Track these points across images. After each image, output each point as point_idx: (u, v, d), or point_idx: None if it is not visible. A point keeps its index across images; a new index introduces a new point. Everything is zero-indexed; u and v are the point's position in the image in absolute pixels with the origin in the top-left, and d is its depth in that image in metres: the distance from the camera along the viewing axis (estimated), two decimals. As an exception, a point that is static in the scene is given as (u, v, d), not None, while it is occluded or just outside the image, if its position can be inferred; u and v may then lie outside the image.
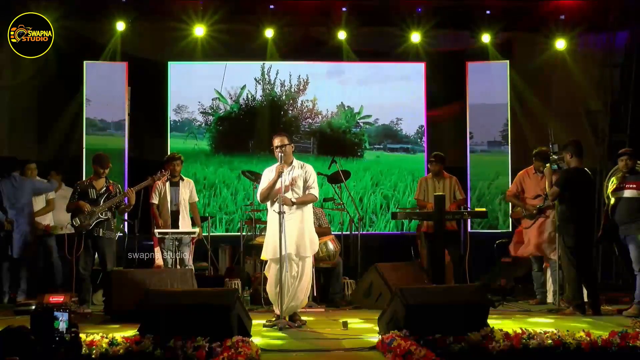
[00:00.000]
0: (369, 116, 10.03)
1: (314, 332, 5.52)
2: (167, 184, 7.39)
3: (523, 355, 4.38)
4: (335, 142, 9.94)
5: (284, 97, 10.02)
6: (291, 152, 6.07)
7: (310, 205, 6.05)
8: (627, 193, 6.48)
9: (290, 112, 10.03)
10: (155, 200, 7.39)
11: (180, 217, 7.37)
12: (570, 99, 9.69)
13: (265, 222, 7.62)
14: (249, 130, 9.99)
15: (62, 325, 4.05)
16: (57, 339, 3.99)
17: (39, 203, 7.71)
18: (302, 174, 5.98)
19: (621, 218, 6.53)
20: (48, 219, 7.80)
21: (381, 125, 10.03)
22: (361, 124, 10.03)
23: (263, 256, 6.10)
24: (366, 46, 9.77)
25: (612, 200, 6.59)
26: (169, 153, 9.41)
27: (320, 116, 10.04)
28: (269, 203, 5.99)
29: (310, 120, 10.05)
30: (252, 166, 9.52)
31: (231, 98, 9.95)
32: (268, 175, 5.99)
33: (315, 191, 5.98)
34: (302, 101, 10.03)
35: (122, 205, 7.07)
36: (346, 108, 10.02)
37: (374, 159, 9.97)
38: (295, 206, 5.87)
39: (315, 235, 6.09)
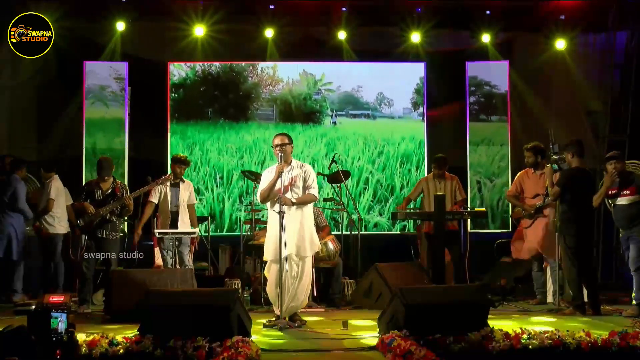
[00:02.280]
0: (330, 83, 10.01)
1: (314, 332, 5.52)
2: (168, 184, 7.39)
3: (523, 355, 4.38)
4: (297, 109, 9.93)
5: (243, 63, 9.93)
6: (291, 152, 6.06)
7: (310, 205, 6.05)
8: (624, 200, 6.47)
9: (250, 79, 9.96)
10: (154, 199, 7.37)
11: (179, 218, 7.35)
12: (570, 99, 9.69)
13: (265, 222, 7.65)
14: (205, 98, 9.92)
15: (60, 326, 4.05)
16: (54, 339, 3.99)
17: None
18: (301, 173, 5.97)
19: (621, 223, 6.55)
20: (57, 220, 7.70)
21: (343, 92, 10.03)
22: (323, 91, 10.00)
23: (265, 257, 6.10)
24: (366, 46, 9.77)
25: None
26: (169, 153, 9.46)
27: (281, 83, 9.98)
28: (269, 204, 5.99)
29: (271, 88, 9.98)
30: (209, 135, 9.62)
31: (186, 64, 9.84)
32: (267, 175, 5.98)
33: (315, 191, 5.97)
34: (262, 68, 9.95)
35: (124, 210, 7.07)
36: (308, 75, 9.98)
37: (331, 125, 9.97)
38: (295, 206, 5.86)
39: (315, 235, 6.08)
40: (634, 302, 6.43)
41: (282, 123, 9.87)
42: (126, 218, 8.32)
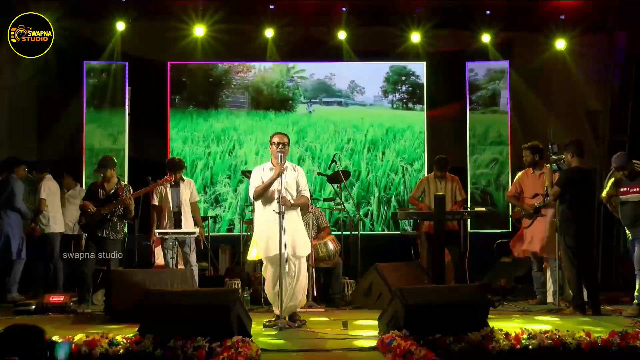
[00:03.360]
0: (303, 70, 9.99)
1: (314, 332, 5.51)
2: (168, 185, 7.36)
3: (523, 355, 4.38)
4: (269, 97, 9.89)
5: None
6: (287, 153, 6.08)
7: (299, 208, 6.09)
8: (634, 197, 6.46)
9: (220, 65, 9.91)
10: (155, 202, 7.35)
11: (182, 217, 7.28)
12: (570, 99, 9.69)
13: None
14: (173, 85, 9.84)
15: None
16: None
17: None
18: (295, 176, 6.00)
19: (627, 221, 6.52)
20: (52, 220, 7.73)
21: (316, 80, 10.02)
22: (296, 78, 9.98)
23: (256, 256, 6.10)
24: (366, 46, 9.77)
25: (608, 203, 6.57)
26: (169, 153, 9.45)
27: (253, 70, 9.93)
28: (260, 203, 5.97)
29: (242, 74, 9.92)
30: (175, 123, 9.60)
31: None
32: (260, 173, 5.98)
33: (307, 193, 6.05)
34: None
35: (127, 212, 7.05)
36: (280, 63, 9.93)
37: (307, 112, 9.96)
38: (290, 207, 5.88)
39: (307, 236, 6.13)
40: (635, 301, 6.43)
41: (254, 110, 9.84)
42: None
